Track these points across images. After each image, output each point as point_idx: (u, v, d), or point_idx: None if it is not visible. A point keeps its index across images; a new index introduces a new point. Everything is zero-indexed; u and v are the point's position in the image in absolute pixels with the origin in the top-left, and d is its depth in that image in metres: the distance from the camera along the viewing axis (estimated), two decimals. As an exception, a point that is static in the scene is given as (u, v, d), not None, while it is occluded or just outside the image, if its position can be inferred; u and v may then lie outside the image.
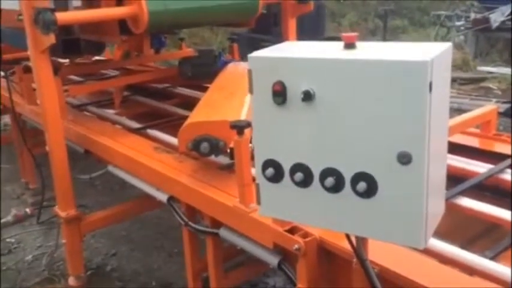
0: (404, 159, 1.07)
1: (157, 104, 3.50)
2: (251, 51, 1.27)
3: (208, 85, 3.46)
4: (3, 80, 4.14)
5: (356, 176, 1.14)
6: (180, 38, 4.16)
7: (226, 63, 3.19)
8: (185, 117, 3.07)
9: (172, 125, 2.95)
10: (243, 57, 3.51)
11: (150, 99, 3.65)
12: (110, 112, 3.41)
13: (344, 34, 1.16)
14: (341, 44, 1.18)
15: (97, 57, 4.41)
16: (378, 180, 1.12)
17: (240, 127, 1.70)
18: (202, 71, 3.16)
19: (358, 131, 1.11)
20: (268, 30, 3.37)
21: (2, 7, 2.80)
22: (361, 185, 1.13)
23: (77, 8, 2.56)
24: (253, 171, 1.38)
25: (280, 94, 1.16)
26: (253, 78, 1.21)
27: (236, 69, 2.94)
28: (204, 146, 1.96)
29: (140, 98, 3.70)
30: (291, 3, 3.27)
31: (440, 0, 13.21)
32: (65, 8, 2.41)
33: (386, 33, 9.01)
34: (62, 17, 2.31)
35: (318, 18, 7.36)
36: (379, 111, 1.07)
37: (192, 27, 4.89)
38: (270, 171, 1.23)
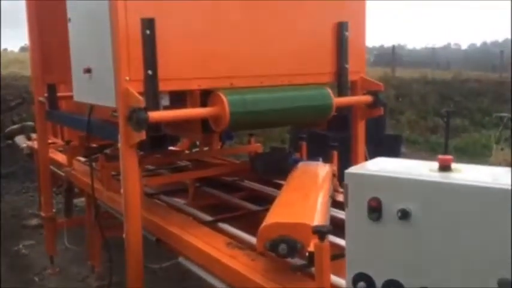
0: (505, 286, 1.07)
1: (227, 197, 3.60)
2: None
3: (277, 181, 3.59)
4: (83, 165, 4.45)
5: (452, 297, 1.14)
6: (250, 133, 4.36)
7: (296, 161, 3.30)
8: (254, 212, 3.18)
9: (243, 219, 3.03)
10: (312, 155, 3.61)
11: (218, 191, 3.78)
12: (180, 202, 3.54)
13: (440, 156, 1.22)
14: (434, 164, 1.23)
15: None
16: (476, 304, 1.11)
17: (322, 232, 1.73)
18: (273, 168, 3.27)
19: (455, 253, 1.13)
20: (337, 130, 3.49)
21: (96, 103, 3.07)
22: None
23: (165, 107, 2.77)
24: (333, 277, 1.40)
25: (376, 210, 1.21)
26: (348, 192, 1.27)
27: (308, 168, 3.03)
28: (283, 247, 2.00)
29: (209, 190, 3.83)
30: (361, 107, 3.41)
31: (501, 103, 13.14)
32: (156, 106, 2.61)
33: (448, 132, 9.00)
34: (153, 115, 2.52)
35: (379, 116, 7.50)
36: (477, 234, 1.10)
37: (268, 128, 5.11)
38: (361, 285, 1.26)
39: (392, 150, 7.90)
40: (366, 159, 3.60)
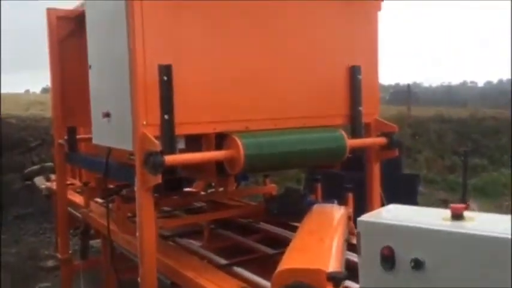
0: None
1: (242, 239, 3.59)
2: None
3: (292, 223, 3.58)
4: (100, 207, 4.49)
5: None
6: (265, 174, 4.37)
7: (311, 203, 3.29)
8: (270, 256, 3.16)
9: (258, 262, 3.01)
10: (327, 195, 3.60)
11: (234, 234, 3.77)
12: (195, 244, 3.54)
13: (452, 205, 1.22)
14: (447, 212, 1.23)
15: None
16: None
17: (337, 279, 1.72)
18: (288, 210, 3.27)
19: (470, 303, 1.11)
20: (351, 170, 3.50)
21: (114, 146, 3.14)
22: None
23: (181, 150, 2.82)
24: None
25: (388, 259, 1.21)
26: (361, 240, 1.28)
27: (323, 211, 3.02)
28: (297, 293, 1.98)
29: (225, 232, 3.82)
30: (376, 149, 3.42)
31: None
32: (172, 150, 2.66)
33: (466, 172, 8.90)
34: (169, 159, 2.56)
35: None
36: (491, 284, 1.09)
37: (282, 170, 5.14)
38: (377, 334, 1.24)
39: (410, 189, 7.81)
40: (382, 202, 3.58)
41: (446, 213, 1.22)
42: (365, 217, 1.30)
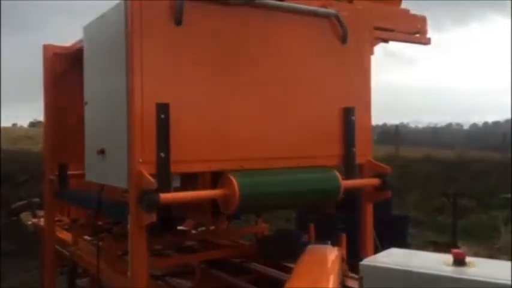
0: None
1: (234, 280, 3.54)
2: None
3: (284, 264, 3.54)
4: (89, 245, 4.41)
5: None
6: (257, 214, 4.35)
7: (305, 244, 3.26)
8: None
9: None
10: (319, 235, 3.58)
11: (225, 274, 3.71)
12: (186, 285, 3.47)
13: (454, 250, 1.22)
14: (447, 257, 1.24)
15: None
16: None
17: (335, 323, 1.70)
18: (281, 251, 3.24)
19: None
20: (344, 210, 3.50)
21: (107, 183, 3.12)
22: None
23: (175, 188, 2.81)
24: None
25: (392, 304, 1.20)
26: (363, 284, 1.27)
27: (317, 253, 3.00)
28: (294, 338, 1.95)
29: (216, 272, 3.76)
30: (369, 190, 3.43)
31: (506, 183, 13.14)
32: (167, 188, 2.65)
33: (456, 214, 8.94)
34: (165, 197, 2.55)
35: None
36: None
37: (276, 209, 5.12)
38: None
39: (400, 230, 7.79)
40: (375, 243, 3.57)
41: (447, 258, 1.22)
42: (367, 261, 1.30)
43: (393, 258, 1.33)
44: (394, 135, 20.70)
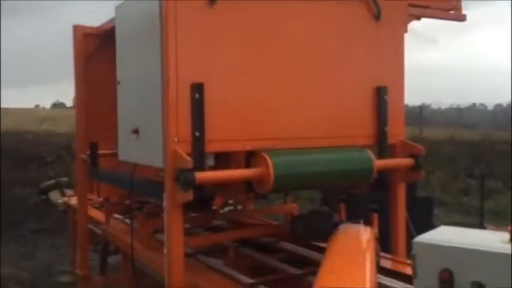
0: None
1: (265, 258, 3.56)
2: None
3: (314, 243, 3.55)
4: (120, 223, 4.49)
5: None
6: (286, 193, 4.35)
7: (337, 224, 3.26)
8: (295, 276, 3.13)
9: (283, 282, 2.99)
10: (350, 216, 3.57)
11: (254, 252, 3.73)
12: (218, 263, 3.51)
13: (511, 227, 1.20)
14: (504, 235, 1.22)
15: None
16: None
17: (379, 301, 1.70)
18: (314, 231, 3.24)
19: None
20: (375, 191, 3.47)
21: (142, 162, 3.15)
22: None
23: (210, 167, 2.82)
24: None
25: (447, 282, 1.19)
26: (417, 263, 1.26)
27: (350, 231, 3.00)
28: (335, 314, 1.96)
29: (246, 250, 3.79)
30: (402, 170, 3.40)
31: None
32: (202, 167, 2.66)
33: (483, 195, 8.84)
34: (200, 176, 2.56)
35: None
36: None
37: (310, 189, 5.10)
38: None
39: (426, 212, 7.74)
40: (407, 223, 3.55)
41: (504, 235, 1.20)
42: (421, 239, 1.29)
43: (447, 235, 1.32)
44: (417, 116, 20.38)
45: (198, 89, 2.68)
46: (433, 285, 1.21)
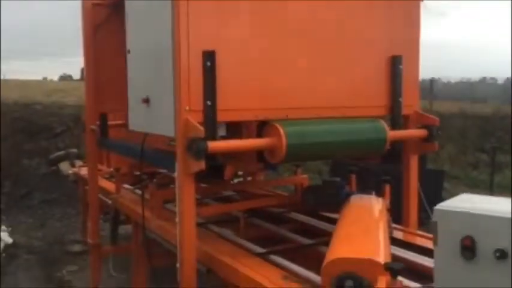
0: None
1: (275, 229, 3.57)
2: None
3: (324, 214, 3.55)
4: (130, 193, 4.51)
5: None
6: (296, 164, 4.33)
7: (348, 194, 3.25)
8: (306, 246, 3.13)
9: (295, 252, 2.99)
10: (361, 187, 3.56)
11: (264, 222, 3.74)
12: (229, 233, 3.52)
13: (537, 195, 1.18)
14: (527, 202, 1.19)
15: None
16: None
17: (395, 270, 1.69)
18: (325, 201, 3.24)
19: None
20: (388, 162, 3.45)
21: (153, 132, 3.13)
22: None
23: (222, 137, 2.80)
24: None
25: (469, 249, 1.17)
26: (438, 230, 1.24)
27: (362, 201, 2.98)
28: (349, 284, 1.95)
29: (257, 221, 3.80)
30: (415, 142, 3.36)
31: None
32: (213, 136, 2.64)
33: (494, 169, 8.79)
34: (212, 145, 2.54)
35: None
36: None
37: (322, 160, 5.09)
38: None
39: (435, 185, 7.73)
40: (420, 195, 3.53)
41: (525, 202, 1.18)
42: (443, 206, 1.27)
43: (468, 203, 1.30)
44: (428, 89, 20.15)
45: (209, 56, 2.63)
46: (454, 252, 1.19)
